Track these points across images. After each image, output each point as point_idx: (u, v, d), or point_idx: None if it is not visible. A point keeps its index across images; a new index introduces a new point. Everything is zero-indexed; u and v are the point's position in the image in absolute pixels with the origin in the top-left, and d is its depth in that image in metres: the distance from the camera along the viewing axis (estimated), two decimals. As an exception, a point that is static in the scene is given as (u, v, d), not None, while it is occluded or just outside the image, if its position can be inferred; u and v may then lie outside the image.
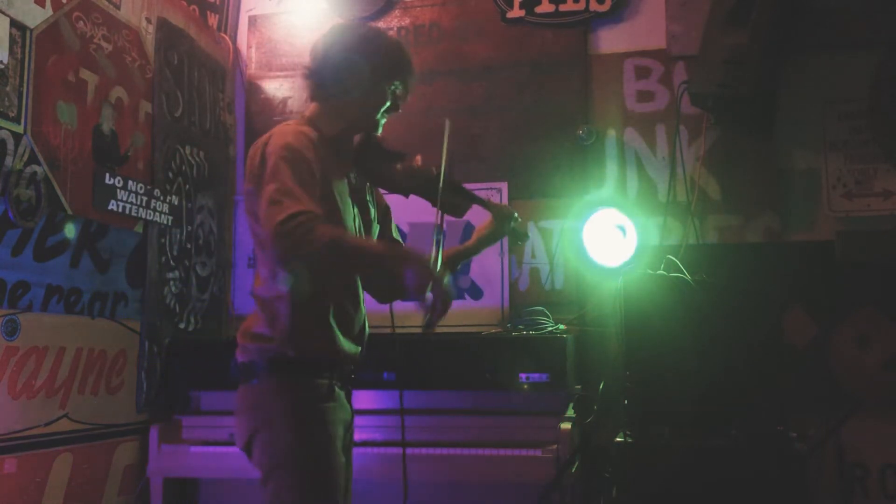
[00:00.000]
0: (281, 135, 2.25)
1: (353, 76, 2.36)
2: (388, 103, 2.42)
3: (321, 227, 2.09)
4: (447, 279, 2.14)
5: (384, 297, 2.61)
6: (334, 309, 2.31)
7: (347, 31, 2.46)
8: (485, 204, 2.61)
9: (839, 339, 3.55)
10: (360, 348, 2.42)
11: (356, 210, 2.41)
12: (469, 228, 3.71)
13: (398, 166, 2.46)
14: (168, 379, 3.58)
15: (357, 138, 2.47)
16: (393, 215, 2.69)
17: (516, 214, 2.67)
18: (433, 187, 2.40)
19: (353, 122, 2.42)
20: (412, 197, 2.53)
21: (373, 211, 2.52)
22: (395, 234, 2.68)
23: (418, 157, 2.52)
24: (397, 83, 2.42)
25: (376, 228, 2.56)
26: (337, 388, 2.31)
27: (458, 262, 2.72)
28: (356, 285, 2.42)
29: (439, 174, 2.40)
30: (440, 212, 2.34)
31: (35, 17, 2.94)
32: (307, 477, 2.20)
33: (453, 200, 2.50)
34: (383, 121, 2.46)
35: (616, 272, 3.14)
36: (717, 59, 3.46)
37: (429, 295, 2.09)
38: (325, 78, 2.39)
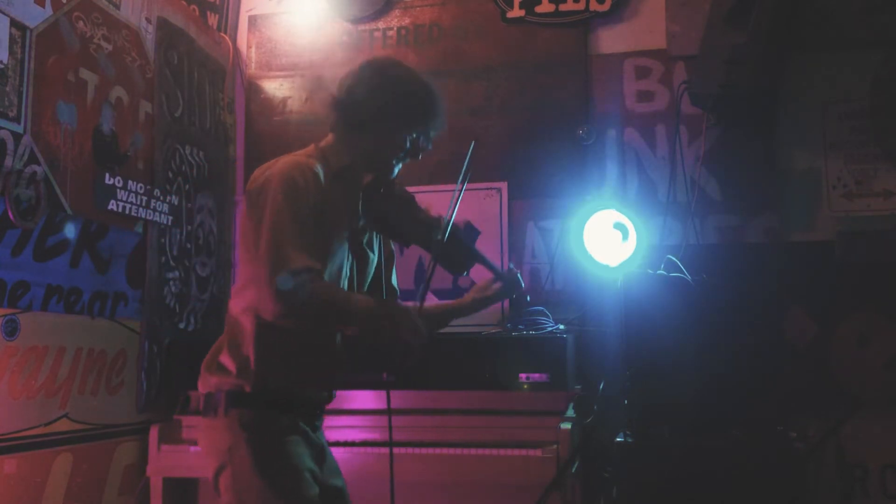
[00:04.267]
0: (287, 165, 2.17)
1: (373, 118, 2.27)
2: (404, 152, 2.32)
3: (318, 285, 2.07)
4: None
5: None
6: (304, 337, 2.23)
7: (379, 69, 2.33)
8: (490, 266, 2.49)
9: (839, 339, 3.54)
10: (325, 393, 2.34)
11: (350, 253, 2.32)
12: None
13: (402, 212, 2.32)
14: (168, 379, 3.58)
15: (367, 179, 2.33)
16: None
17: (520, 278, 2.53)
18: (435, 238, 2.30)
19: (363, 161, 2.31)
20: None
21: (372, 255, 2.42)
22: (394, 283, 2.56)
23: (429, 206, 2.40)
24: (417, 133, 2.31)
25: (370, 273, 2.44)
26: (301, 424, 2.23)
27: (448, 319, 2.58)
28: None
29: (445, 226, 2.29)
30: (433, 264, 2.26)
31: (35, 17, 2.94)
32: None
33: (454, 256, 2.38)
34: (399, 166, 2.36)
35: (616, 272, 3.13)
36: (717, 59, 3.46)
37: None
38: (346, 112, 2.30)
